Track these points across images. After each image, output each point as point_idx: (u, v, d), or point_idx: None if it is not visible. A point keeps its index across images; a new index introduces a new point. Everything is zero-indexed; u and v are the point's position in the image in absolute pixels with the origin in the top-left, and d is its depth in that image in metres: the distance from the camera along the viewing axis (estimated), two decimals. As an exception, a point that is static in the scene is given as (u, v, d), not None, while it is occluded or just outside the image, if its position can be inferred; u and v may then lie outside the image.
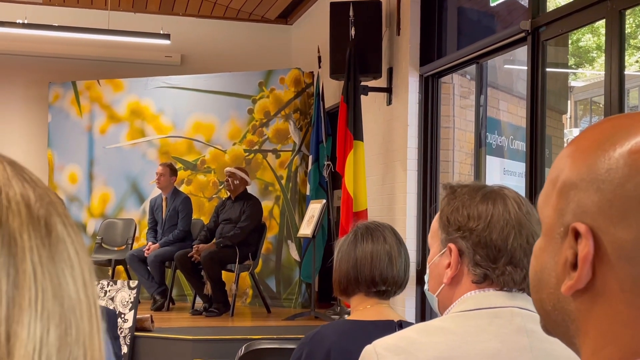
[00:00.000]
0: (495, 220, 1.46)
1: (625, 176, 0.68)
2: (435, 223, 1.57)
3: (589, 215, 0.70)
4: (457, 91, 6.53)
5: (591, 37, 10.00)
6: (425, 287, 1.64)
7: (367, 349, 1.43)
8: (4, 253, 0.49)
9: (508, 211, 1.47)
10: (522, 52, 5.41)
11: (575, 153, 0.74)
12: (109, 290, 5.56)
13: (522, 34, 4.93)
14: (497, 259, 1.46)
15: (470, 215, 1.48)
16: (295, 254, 7.98)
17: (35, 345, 0.49)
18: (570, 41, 8.00)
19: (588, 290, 0.70)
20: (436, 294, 1.56)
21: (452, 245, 1.49)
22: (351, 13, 6.38)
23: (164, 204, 7.58)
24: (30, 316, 0.49)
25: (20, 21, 8.09)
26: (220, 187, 8.25)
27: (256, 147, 8.31)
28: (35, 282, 0.49)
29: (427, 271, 1.62)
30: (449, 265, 1.50)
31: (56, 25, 8.40)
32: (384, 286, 2.19)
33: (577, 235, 0.71)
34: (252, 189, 7.71)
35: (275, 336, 5.57)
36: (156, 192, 7.85)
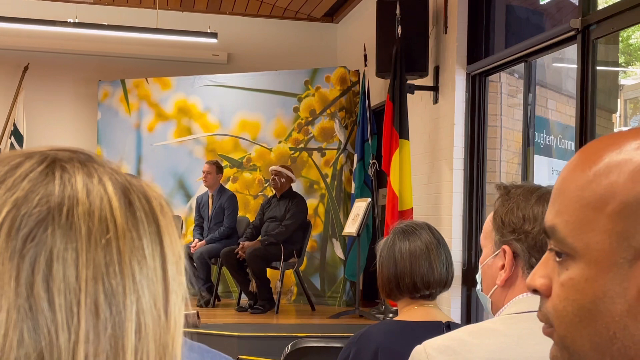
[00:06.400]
0: None
1: None
2: (488, 224, 1.53)
3: None
4: (505, 90, 6.46)
5: (642, 34, 9.80)
6: (478, 287, 1.62)
7: (417, 349, 1.43)
8: (119, 277, 0.53)
9: None
10: (571, 50, 5.34)
11: (628, 168, 0.70)
12: (157, 286, 5.62)
13: (572, 32, 4.86)
14: None
15: (525, 217, 1.44)
16: (339, 252, 7.98)
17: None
18: (620, 39, 7.86)
19: None
20: (489, 295, 1.55)
21: (506, 247, 1.47)
22: (398, 11, 6.35)
23: (210, 201, 7.64)
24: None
25: (71, 20, 8.23)
26: (266, 184, 8.30)
27: (301, 146, 8.33)
28: (140, 302, 0.55)
29: (480, 272, 1.59)
30: (502, 267, 1.48)
31: (106, 24, 8.53)
32: (427, 291, 2.18)
33: None
34: (297, 187, 7.73)
35: (319, 334, 5.58)
36: (202, 189, 7.92)
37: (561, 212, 0.74)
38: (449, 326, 2.09)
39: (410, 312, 2.19)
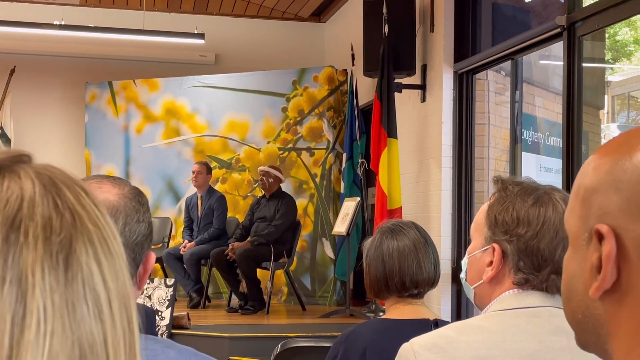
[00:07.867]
0: (545, 229, 1.42)
1: None
2: (481, 217, 1.52)
3: (610, 215, 0.71)
4: (492, 87, 6.48)
5: (628, 30, 9.85)
6: (462, 275, 1.61)
7: (405, 347, 1.43)
8: (13, 291, 0.48)
9: (559, 220, 1.41)
10: (557, 47, 5.36)
11: (595, 162, 0.76)
12: (146, 288, 5.61)
13: (558, 30, 4.88)
14: (542, 267, 1.42)
15: (520, 220, 1.43)
16: (329, 252, 7.98)
17: None
18: (607, 35, 7.89)
19: (615, 290, 0.71)
20: (473, 286, 1.55)
21: (496, 246, 1.46)
22: (384, 10, 6.36)
23: (199, 202, 7.63)
24: (34, 357, 0.48)
25: (57, 22, 8.19)
26: (255, 185, 8.29)
27: (290, 146, 8.33)
28: (45, 321, 0.49)
29: (466, 260, 1.59)
30: (490, 263, 1.47)
31: (92, 26, 8.50)
32: (415, 290, 2.18)
33: (600, 237, 0.71)
34: (287, 187, 7.73)
35: (310, 334, 5.58)
36: (192, 190, 7.91)
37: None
38: (437, 324, 2.09)
39: (398, 311, 2.19)
